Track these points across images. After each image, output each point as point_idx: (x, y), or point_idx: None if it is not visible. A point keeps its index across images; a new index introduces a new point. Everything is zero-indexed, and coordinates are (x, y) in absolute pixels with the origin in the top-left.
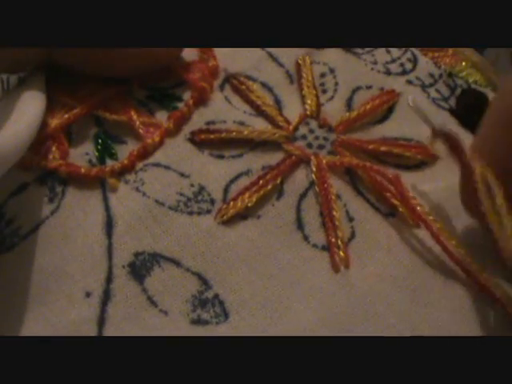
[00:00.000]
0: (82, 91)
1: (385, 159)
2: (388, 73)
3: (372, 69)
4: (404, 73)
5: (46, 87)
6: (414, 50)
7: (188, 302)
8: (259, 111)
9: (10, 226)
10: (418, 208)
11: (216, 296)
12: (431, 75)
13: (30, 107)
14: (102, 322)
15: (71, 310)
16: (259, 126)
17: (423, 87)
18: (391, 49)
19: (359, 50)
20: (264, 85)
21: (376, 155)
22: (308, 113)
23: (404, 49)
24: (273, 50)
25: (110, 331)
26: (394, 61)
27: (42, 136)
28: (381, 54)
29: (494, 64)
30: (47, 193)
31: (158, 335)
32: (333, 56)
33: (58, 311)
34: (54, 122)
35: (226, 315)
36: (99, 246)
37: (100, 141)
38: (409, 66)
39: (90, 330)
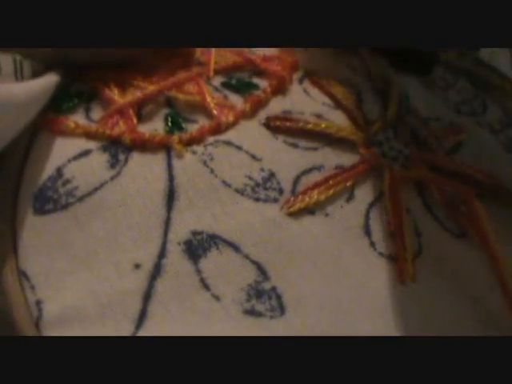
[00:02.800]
0: (155, 75)
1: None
2: (458, 111)
3: (443, 102)
4: (473, 114)
5: (121, 72)
6: (484, 97)
7: (243, 291)
8: (338, 104)
9: (66, 185)
10: (487, 231)
11: (273, 289)
12: (500, 122)
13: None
14: (148, 296)
15: (117, 279)
16: (337, 119)
17: (492, 132)
18: (462, 90)
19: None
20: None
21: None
22: (388, 119)
23: (475, 93)
24: None
25: (155, 308)
26: (464, 102)
27: (111, 110)
28: (452, 92)
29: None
30: (109, 159)
31: (207, 321)
32: (409, 81)
33: (103, 279)
34: (125, 99)
35: (282, 310)
36: (156, 217)
37: (170, 118)
38: (479, 109)
39: (134, 304)
